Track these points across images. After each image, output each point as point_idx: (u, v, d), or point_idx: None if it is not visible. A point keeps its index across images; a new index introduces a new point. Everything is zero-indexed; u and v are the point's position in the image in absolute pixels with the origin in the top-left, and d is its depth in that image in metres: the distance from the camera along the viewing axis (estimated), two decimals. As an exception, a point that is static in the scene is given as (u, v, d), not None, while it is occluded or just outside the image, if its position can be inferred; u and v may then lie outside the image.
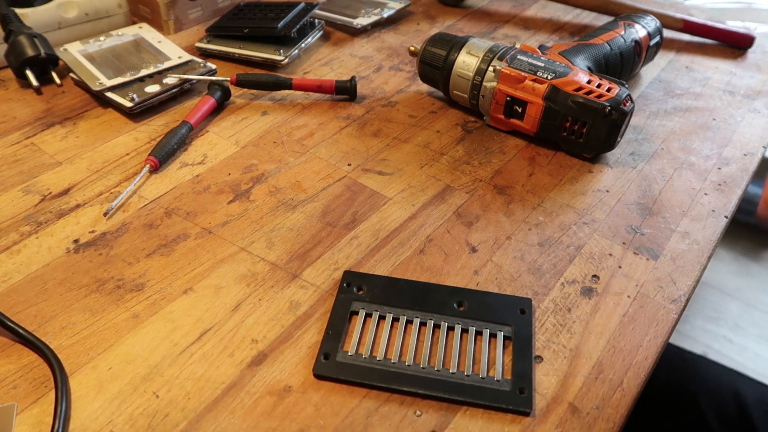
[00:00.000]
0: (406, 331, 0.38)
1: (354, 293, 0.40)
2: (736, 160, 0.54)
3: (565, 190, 0.49)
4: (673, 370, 0.63)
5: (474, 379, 0.35)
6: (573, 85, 0.50)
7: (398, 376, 0.35)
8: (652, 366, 0.37)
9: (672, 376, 0.63)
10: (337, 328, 0.37)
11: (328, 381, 0.35)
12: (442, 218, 0.46)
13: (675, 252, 0.44)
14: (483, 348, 0.37)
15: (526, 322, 0.38)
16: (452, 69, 0.55)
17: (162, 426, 0.32)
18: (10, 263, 0.41)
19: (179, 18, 0.67)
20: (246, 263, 0.42)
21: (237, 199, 0.47)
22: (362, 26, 0.69)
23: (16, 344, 0.36)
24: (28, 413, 0.33)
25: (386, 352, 0.37)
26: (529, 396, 0.34)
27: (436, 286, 0.40)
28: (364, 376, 0.35)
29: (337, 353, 0.36)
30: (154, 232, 0.44)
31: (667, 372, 0.62)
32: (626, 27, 0.60)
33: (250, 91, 0.59)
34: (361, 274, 0.41)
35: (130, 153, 0.51)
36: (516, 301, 0.40)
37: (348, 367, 0.35)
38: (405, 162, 0.51)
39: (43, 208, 0.45)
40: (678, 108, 0.61)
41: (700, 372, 0.63)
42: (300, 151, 0.52)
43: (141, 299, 0.39)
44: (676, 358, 0.65)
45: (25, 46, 0.55)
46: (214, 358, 0.36)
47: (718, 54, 0.70)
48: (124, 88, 0.55)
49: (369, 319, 0.38)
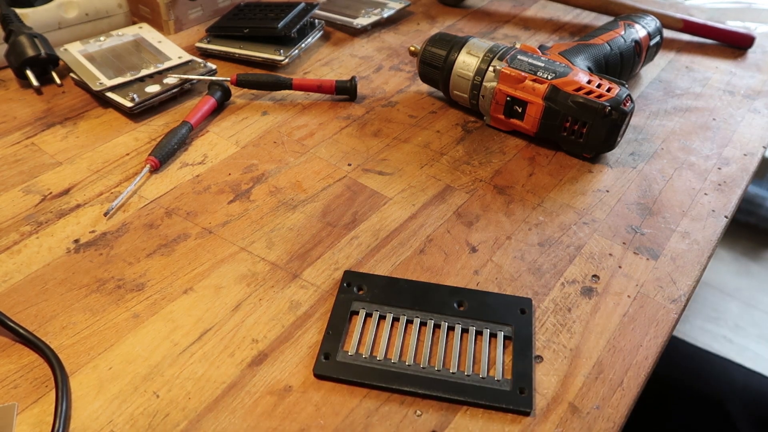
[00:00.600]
0: (406, 331, 0.38)
1: (354, 293, 0.40)
2: (736, 160, 0.54)
3: (565, 190, 0.49)
4: (692, 370, 0.63)
5: (474, 379, 0.35)
6: (573, 85, 0.50)
7: (398, 376, 0.35)
8: (653, 366, 0.37)
9: (687, 375, 0.63)
10: (337, 328, 0.37)
11: (328, 381, 0.35)
12: (442, 218, 0.46)
13: (675, 252, 0.44)
14: (483, 348, 0.37)
15: (526, 322, 0.38)
16: (452, 69, 0.55)
17: (162, 426, 0.32)
18: (11, 263, 0.41)
19: (179, 18, 0.67)
20: (246, 263, 0.42)
21: (237, 199, 0.47)
22: (362, 26, 0.69)
23: (17, 344, 0.36)
24: (29, 413, 0.33)
25: (386, 352, 0.37)
26: (529, 396, 0.34)
27: (436, 286, 0.40)
28: (365, 376, 0.35)
29: (337, 353, 0.36)
30: (155, 232, 0.44)
31: (684, 371, 0.62)
32: (626, 27, 0.60)
33: (250, 91, 0.59)
34: (362, 274, 0.41)
35: (130, 153, 0.51)
36: (516, 300, 0.40)
37: (348, 367, 0.35)
38: (405, 162, 0.51)
39: (43, 208, 0.45)
40: (678, 108, 0.61)
41: (727, 374, 0.63)
42: (300, 151, 0.52)
43: (141, 299, 0.39)
44: (697, 357, 0.65)
45: (25, 46, 0.55)
46: (214, 358, 0.36)
47: (718, 54, 0.70)
48: (124, 88, 0.55)
49: (369, 319, 0.38)
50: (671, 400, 0.61)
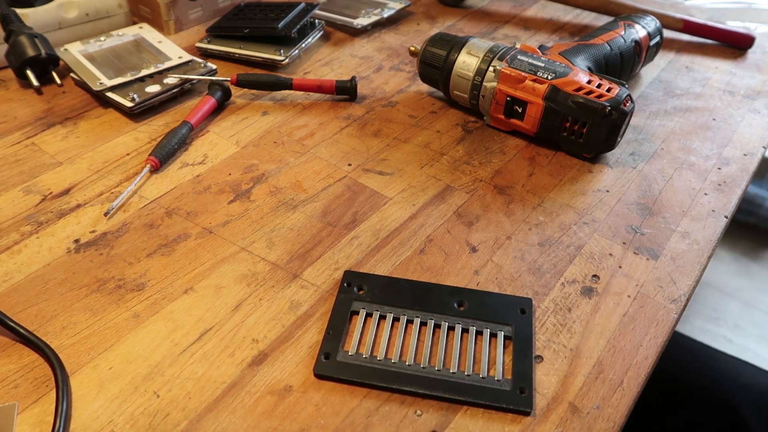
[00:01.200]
0: (406, 331, 0.38)
1: (354, 293, 0.40)
2: (736, 160, 0.54)
3: (565, 190, 0.49)
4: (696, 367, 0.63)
5: (474, 378, 0.35)
6: (573, 85, 0.50)
7: (399, 375, 0.35)
8: (653, 366, 0.37)
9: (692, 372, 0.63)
10: (337, 328, 0.37)
11: (328, 381, 0.35)
12: (443, 218, 0.46)
13: (675, 252, 0.44)
14: (483, 348, 0.37)
15: (526, 322, 0.38)
16: (452, 69, 0.55)
17: (163, 425, 0.32)
18: (11, 263, 0.41)
19: (179, 18, 0.67)
20: (246, 263, 0.42)
21: (237, 199, 0.47)
22: (362, 26, 0.69)
23: (17, 344, 0.36)
24: (29, 413, 0.33)
25: (387, 351, 0.37)
26: (529, 396, 0.34)
27: (436, 286, 0.40)
28: (365, 375, 0.35)
29: (337, 353, 0.36)
30: (155, 232, 0.44)
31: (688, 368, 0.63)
32: (626, 27, 0.60)
33: (250, 91, 0.59)
34: (362, 273, 0.41)
35: (130, 153, 0.51)
36: (516, 301, 0.40)
37: (348, 366, 0.35)
38: (405, 162, 0.51)
39: (43, 208, 0.45)
40: (678, 108, 0.61)
41: (732, 371, 0.63)
42: (300, 151, 0.52)
43: (142, 299, 0.39)
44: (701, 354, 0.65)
45: (25, 46, 0.55)
46: (214, 358, 0.36)
47: (718, 54, 0.70)
48: (124, 88, 0.55)
49: (369, 319, 0.38)
50: (676, 398, 0.61)
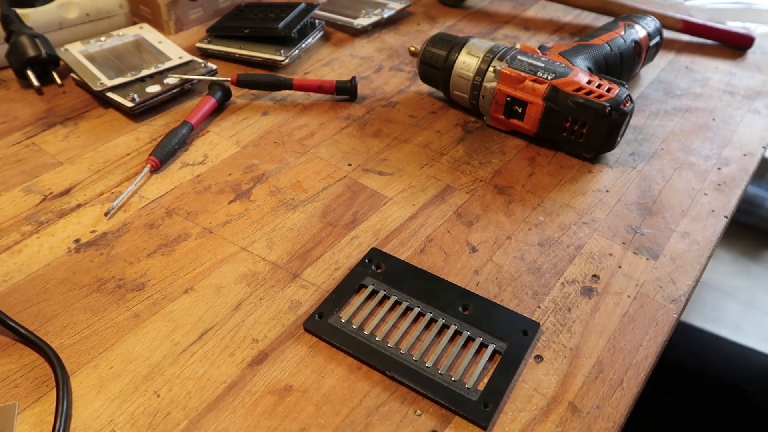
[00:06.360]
0: (402, 317, 0.39)
1: (371, 270, 0.41)
2: (736, 160, 0.54)
3: (565, 190, 0.50)
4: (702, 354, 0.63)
5: (445, 378, 0.35)
6: (573, 85, 0.50)
7: (376, 353, 0.36)
8: (653, 365, 0.37)
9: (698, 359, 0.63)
10: (341, 295, 0.39)
11: (314, 337, 0.37)
12: (443, 218, 0.46)
13: (675, 252, 0.44)
14: (468, 354, 0.36)
15: (523, 344, 0.37)
16: (452, 69, 0.55)
17: (163, 425, 0.33)
18: (12, 263, 0.41)
19: (180, 18, 0.67)
20: (247, 263, 0.42)
21: (238, 198, 0.47)
22: (363, 27, 0.69)
23: (18, 343, 0.36)
24: (30, 412, 0.33)
25: (375, 329, 0.38)
26: (491, 412, 0.33)
27: (449, 284, 0.41)
28: (346, 343, 0.36)
29: (331, 316, 0.38)
30: (155, 231, 0.44)
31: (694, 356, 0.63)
32: (626, 27, 0.60)
33: (250, 91, 0.59)
34: (386, 254, 0.42)
35: (131, 153, 0.51)
36: (522, 321, 0.38)
37: (335, 331, 0.37)
38: (405, 162, 0.52)
39: (44, 207, 0.45)
40: (678, 108, 0.61)
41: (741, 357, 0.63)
42: (300, 151, 0.52)
43: (142, 299, 0.39)
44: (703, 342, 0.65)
45: (26, 47, 0.55)
46: (215, 358, 0.36)
47: (718, 54, 0.70)
48: (124, 88, 0.55)
49: (375, 296, 0.40)
50: (684, 384, 0.61)
